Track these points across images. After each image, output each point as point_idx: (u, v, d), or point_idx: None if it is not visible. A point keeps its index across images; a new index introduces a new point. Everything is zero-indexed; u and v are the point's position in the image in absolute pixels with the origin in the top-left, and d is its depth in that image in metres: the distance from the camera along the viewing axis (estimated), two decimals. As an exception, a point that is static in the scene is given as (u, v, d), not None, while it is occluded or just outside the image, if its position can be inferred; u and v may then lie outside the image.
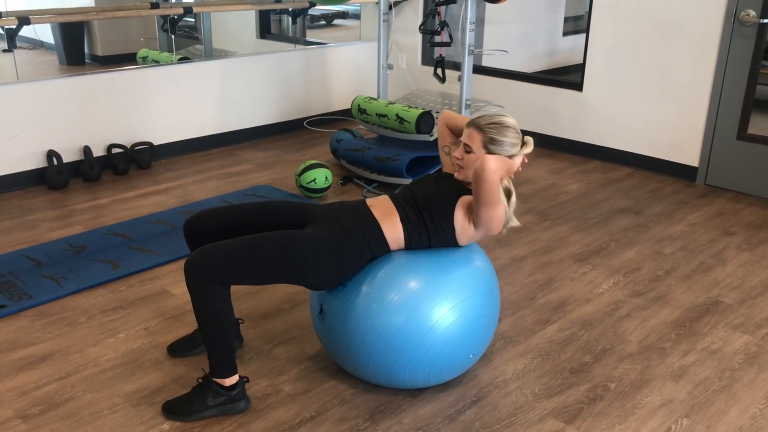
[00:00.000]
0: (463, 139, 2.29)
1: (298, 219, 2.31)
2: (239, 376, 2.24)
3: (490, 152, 2.23)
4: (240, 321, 2.61)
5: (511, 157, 2.25)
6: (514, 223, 2.30)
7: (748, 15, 3.98)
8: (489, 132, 2.23)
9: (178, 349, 2.55)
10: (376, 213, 2.26)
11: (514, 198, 2.30)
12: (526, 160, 2.31)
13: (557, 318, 2.85)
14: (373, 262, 2.24)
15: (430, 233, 2.24)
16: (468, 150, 2.26)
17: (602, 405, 2.32)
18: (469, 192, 2.27)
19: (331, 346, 2.33)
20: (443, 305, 2.17)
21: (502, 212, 2.19)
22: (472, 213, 2.21)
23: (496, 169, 2.09)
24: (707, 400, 2.36)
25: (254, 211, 2.35)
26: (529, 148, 2.29)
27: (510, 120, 2.28)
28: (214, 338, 2.14)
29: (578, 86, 4.83)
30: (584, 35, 4.74)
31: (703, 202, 4.13)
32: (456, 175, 2.32)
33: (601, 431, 2.20)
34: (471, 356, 2.31)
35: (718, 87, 4.20)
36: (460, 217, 2.23)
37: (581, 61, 4.78)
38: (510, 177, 2.29)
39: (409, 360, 2.19)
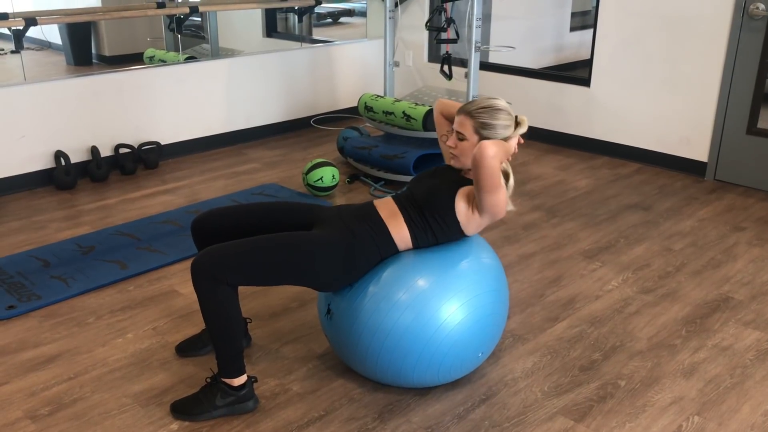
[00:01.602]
0: (455, 126, 2.25)
1: (306, 220, 2.31)
2: (248, 376, 2.23)
3: (483, 137, 2.19)
4: (248, 320, 2.60)
5: (506, 139, 2.20)
6: (509, 207, 2.26)
7: (757, 8, 3.95)
8: (480, 117, 2.19)
9: (186, 349, 2.55)
10: (383, 214, 2.25)
11: (512, 181, 2.27)
12: (522, 141, 2.26)
13: (566, 315, 2.84)
14: (381, 262, 2.24)
15: (435, 230, 2.23)
16: (461, 137, 2.22)
17: (612, 403, 2.31)
18: (467, 181, 2.25)
19: (339, 345, 2.32)
20: (451, 304, 2.16)
21: (504, 195, 2.16)
22: (475, 201, 2.19)
23: (495, 154, 2.05)
24: (719, 397, 2.35)
25: (262, 211, 2.34)
26: (524, 127, 2.24)
27: (501, 102, 2.24)
28: (222, 339, 2.14)
29: (586, 82, 4.80)
30: (592, 30, 4.71)
31: (713, 197, 4.10)
32: (452, 163, 2.29)
33: (612, 429, 2.19)
34: (480, 355, 2.30)
35: (728, 81, 4.16)
36: (462, 209, 2.21)
37: (589, 57, 4.76)
38: (507, 159, 2.24)
39: (418, 359, 2.18)
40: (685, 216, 3.82)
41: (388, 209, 2.27)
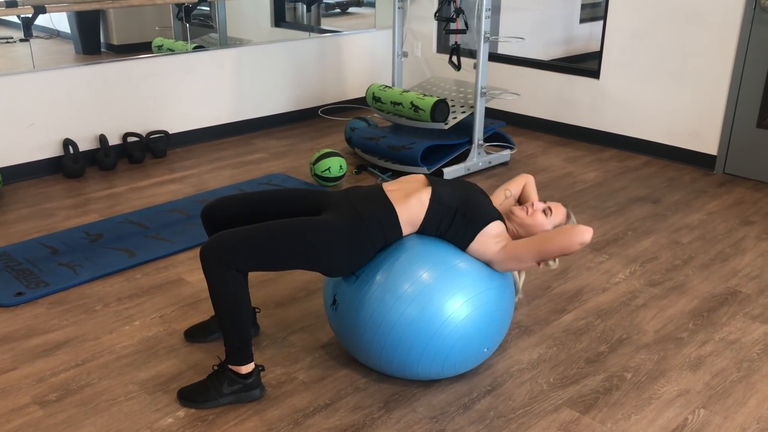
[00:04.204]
0: (551, 204, 2.36)
1: (315, 206, 2.31)
2: (255, 365, 2.24)
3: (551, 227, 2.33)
4: (256, 310, 2.61)
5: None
6: (554, 265, 2.32)
7: (769, 0, 3.92)
8: (570, 221, 2.36)
9: (194, 335, 2.56)
10: (395, 195, 2.25)
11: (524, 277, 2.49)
12: (543, 267, 2.31)
13: (573, 307, 2.83)
14: (385, 252, 2.23)
15: (453, 225, 2.22)
16: (546, 213, 2.33)
17: (618, 395, 2.31)
18: (501, 221, 2.29)
19: (343, 337, 2.32)
20: (457, 299, 2.16)
21: (529, 267, 2.24)
22: (505, 242, 2.22)
23: (582, 244, 2.14)
24: (725, 390, 2.34)
25: (272, 198, 2.35)
26: (555, 264, 2.32)
27: None
28: (231, 325, 2.14)
29: (595, 74, 4.78)
30: (602, 22, 4.68)
31: (722, 191, 4.08)
32: (515, 209, 2.35)
33: (617, 421, 2.19)
34: (485, 350, 2.30)
35: (738, 74, 4.13)
36: (487, 236, 2.22)
37: (598, 49, 4.73)
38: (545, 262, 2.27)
39: (423, 353, 2.18)
40: (693, 209, 3.81)
41: (407, 186, 2.29)
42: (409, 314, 2.14)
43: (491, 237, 2.22)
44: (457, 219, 2.22)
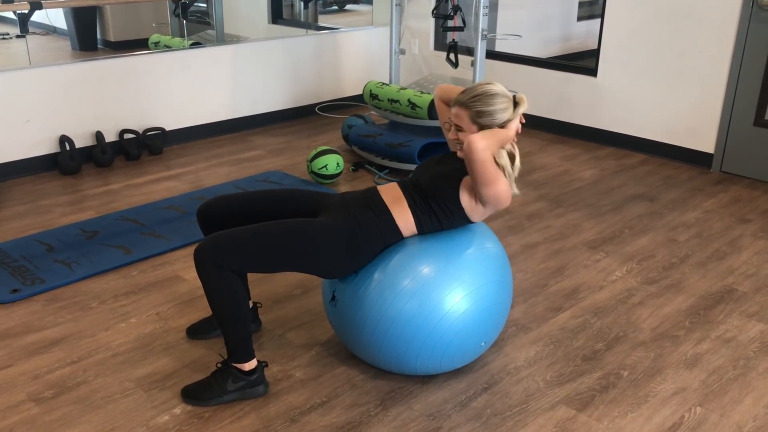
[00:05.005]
0: (452, 119, 2.22)
1: (311, 207, 2.30)
2: (258, 361, 2.23)
3: (481, 126, 2.15)
4: (258, 305, 2.61)
5: (504, 124, 2.16)
6: (515, 191, 2.22)
7: (766, -1, 3.92)
8: (474, 106, 2.15)
9: (196, 332, 2.56)
10: (387, 200, 2.24)
11: (517, 162, 2.22)
12: (524, 120, 2.20)
13: (569, 305, 2.83)
14: (385, 250, 2.23)
15: (440, 217, 2.22)
16: (459, 129, 2.19)
17: (614, 393, 2.31)
18: (462, 174, 2.22)
19: (343, 332, 2.32)
20: (456, 293, 2.16)
21: (504, 186, 2.13)
22: (472, 197, 2.18)
23: (486, 146, 2.03)
24: (721, 388, 2.34)
25: (268, 198, 2.35)
26: (524, 106, 2.18)
27: (494, 87, 2.18)
28: (229, 324, 2.14)
29: (593, 72, 4.77)
30: (599, 20, 4.68)
31: (719, 189, 4.08)
32: (459, 154, 2.24)
33: (613, 419, 2.19)
34: (483, 344, 2.30)
35: (736, 72, 4.14)
36: (466, 198, 2.20)
37: (596, 47, 4.73)
38: (514, 141, 2.19)
39: (421, 347, 2.18)
40: (690, 207, 3.81)
41: (392, 195, 2.26)
42: (408, 309, 2.14)
43: (470, 199, 2.19)
44: (438, 211, 2.21)
